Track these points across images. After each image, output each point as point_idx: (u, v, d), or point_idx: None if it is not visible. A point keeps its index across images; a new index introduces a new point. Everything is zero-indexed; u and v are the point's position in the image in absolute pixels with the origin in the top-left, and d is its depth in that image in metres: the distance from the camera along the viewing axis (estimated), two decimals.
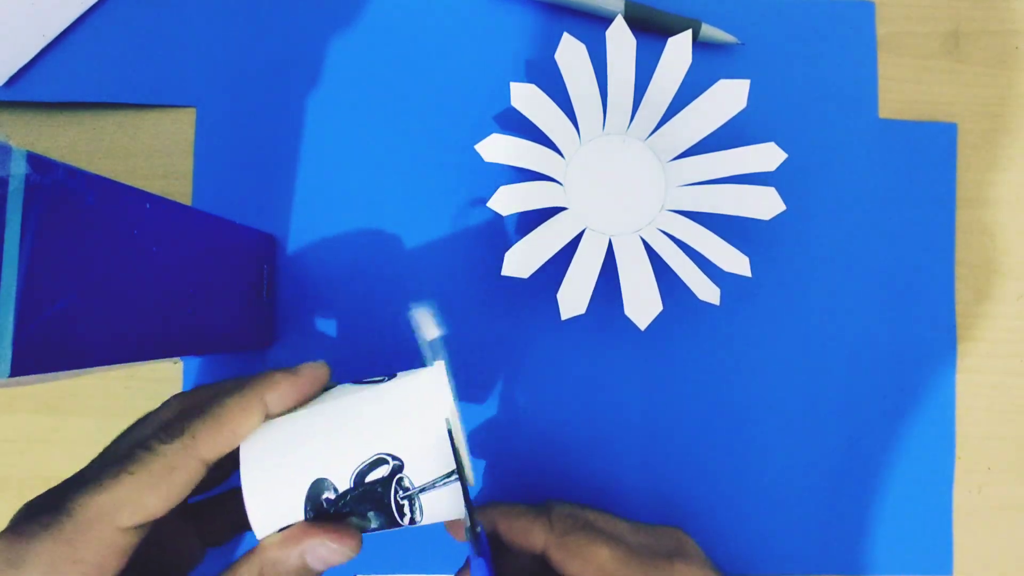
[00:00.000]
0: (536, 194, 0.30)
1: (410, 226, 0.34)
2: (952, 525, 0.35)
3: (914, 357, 0.35)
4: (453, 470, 0.22)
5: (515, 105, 0.30)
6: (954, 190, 0.35)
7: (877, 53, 0.36)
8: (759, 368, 0.34)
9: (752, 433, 0.34)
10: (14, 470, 0.33)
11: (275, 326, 0.33)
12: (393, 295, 0.34)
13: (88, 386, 0.33)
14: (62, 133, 0.34)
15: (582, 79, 0.31)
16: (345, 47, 0.34)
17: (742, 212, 0.31)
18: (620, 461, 0.34)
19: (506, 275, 0.29)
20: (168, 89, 0.34)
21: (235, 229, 0.29)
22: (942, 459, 0.35)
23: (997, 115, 0.36)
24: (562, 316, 0.29)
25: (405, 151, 0.34)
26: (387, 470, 0.22)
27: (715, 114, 0.31)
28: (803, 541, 0.34)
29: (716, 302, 0.30)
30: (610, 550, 0.25)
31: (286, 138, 0.34)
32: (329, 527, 0.22)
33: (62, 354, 0.18)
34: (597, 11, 0.34)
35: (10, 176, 0.16)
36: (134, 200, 0.21)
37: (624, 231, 0.31)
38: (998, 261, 0.36)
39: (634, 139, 0.32)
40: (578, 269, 0.30)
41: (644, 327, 0.30)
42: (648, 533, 0.28)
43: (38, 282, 0.17)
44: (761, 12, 0.36)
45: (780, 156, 0.31)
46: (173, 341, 0.23)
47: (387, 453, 0.22)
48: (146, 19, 0.34)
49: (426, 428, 0.22)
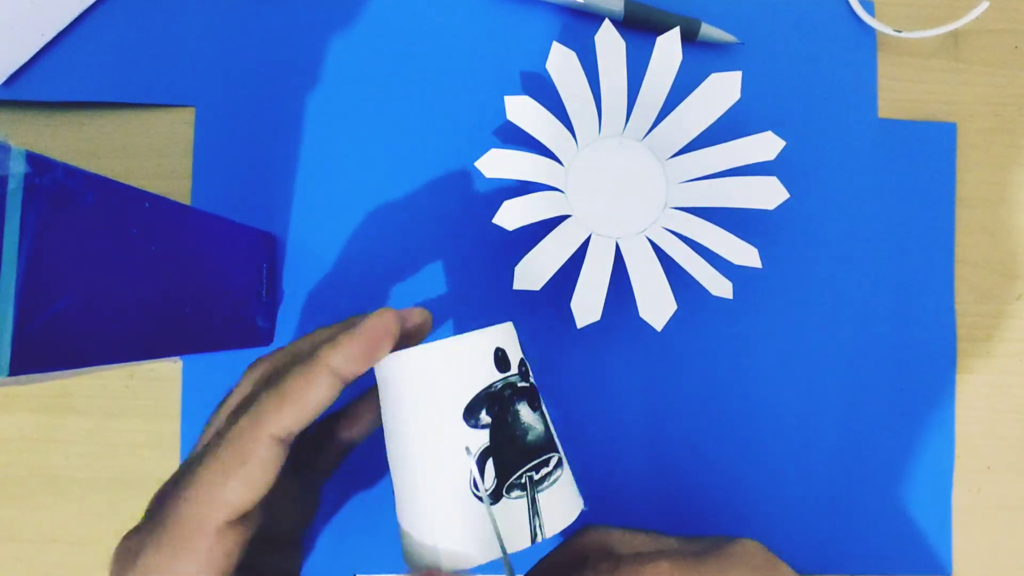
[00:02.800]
0: (540, 205, 0.30)
1: (410, 224, 0.34)
2: (951, 525, 0.35)
3: (914, 357, 0.35)
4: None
5: (511, 118, 0.30)
6: (954, 190, 0.35)
7: (877, 53, 0.36)
8: (759, 369, 0.34)
9: (752, 434, 0.34)
10: (14, 470, 0.33)
11: (275, 326, 0.33)
12: (393, 294, 0.34)
13: (88, 386, 0.33)
14: (62, 133, 0.34)
15: (575, 86, 0.31)
16: (345, 47, 0.34)
17: (746, 204, 0.31)
18: (626, 463, 0.34)
19: (518, 289, 0.29)
20: (167, 89, 0.34)
21: (235, 229, 0.29)
22: (942, 459, 0.35)
23: (997, 115, 0.36)
24: (578, 325, 0.29)
25: (405, 150, 0.34)
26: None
27: (710, 108, 0.31)
28: (803, 541, 0.34)
29: (729, 296, 0.30)
30: (669, 561, 0.23)
31: (286, 138, 0.34)
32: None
33: (62, 354, 0.18)
34: (597, 11, 0.34)
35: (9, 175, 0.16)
36: (133, 200, 0.21)
37: (630, 233, 0.31)
38: (998, 261, 0.36)
39: (631, 140, 0.32)
40: (589, 276, 0.30)
41: (660, 328, 0.30)
42: (700, 540, 0.26)
43: (37, 282, 0.17)
44: (761, 12, 0.35)
45: (779, 144, 0.31)
46: (173, 341, 0.23)
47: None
48: (145, 19, 0.34)
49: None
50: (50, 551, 0.32)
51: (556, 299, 0.34)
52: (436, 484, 0.22)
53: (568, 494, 0.24)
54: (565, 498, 0.23)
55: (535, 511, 0.22)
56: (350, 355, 0.21)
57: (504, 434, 0.22)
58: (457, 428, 0.22)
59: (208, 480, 0.19)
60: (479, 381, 0.22)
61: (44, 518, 0.32)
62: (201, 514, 0.19)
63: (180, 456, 0.33)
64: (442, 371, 0.22)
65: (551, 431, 0.24)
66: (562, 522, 0.23)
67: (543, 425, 0.24)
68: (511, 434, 0.22)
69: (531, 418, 0.23)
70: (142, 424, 0.33)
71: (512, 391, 0.23)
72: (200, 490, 0.19)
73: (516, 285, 0.29)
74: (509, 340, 0.24)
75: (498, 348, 0.23)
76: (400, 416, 0.23)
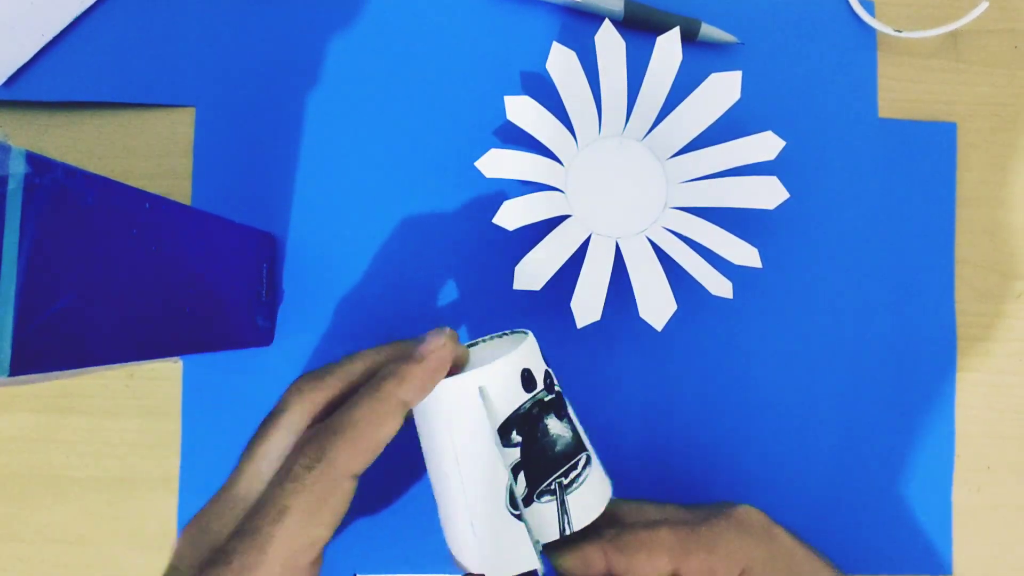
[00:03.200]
0: (540, 205, 0.30)
1: (410, 224, 0.34)
2: (952, 525, 0.35)
3: (914, 356, 0.35)
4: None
5: (511, 118, 0.30)
6: (954, 190, 0.35)
7: (877, 53, 0.36)
8: (759, 369, 0.34)
9: (752, 433, 0.34)
10: (14, 469, 0.33)
11: (275, 326, 0.33)
12: (393, 294, 0.34)
13: (88, 386, 0.33)
14: (62, 133, 0.34)
15: (575, 86, 0.31)
16: (345, 47, 0.34)
17: (746, 203, 0.31)
18: (626, 462, 0.34)
19: (518, 289, 0.29)
20: (167, 89, 0.34)
21: (235, 229, 0.29)
22: (942, 459, 0.35)
23: (997, 115, 0.36)
24: (578, 324, 0.29)
25: (405, 150, 0.34)
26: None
27: (710, 108, 0.31)
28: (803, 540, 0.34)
29: (729, 296, 0.30)
30: (669, 528, 0.24)
31: (286, 138, 0.34)
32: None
33: (62, 354, 0.18)
34: (598, 11, 0.34)
35: (9, 175, 0.16)
36: (134, 200, 0.21)
37: (630, 233, 0.31)
38: (998, 261, 0.36)
39: (631, 140, 0.32)
40: (589, 276, 0.30)
41: (660, 328, 0.30)
42: (703, 508, 0.27)
43: (38, 282, 0.17)
44: (761, 12, 0.35)
45: (779, 144, 0.31)
46: (173, 341, 0.23)
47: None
48: (146, 19, 0.34)
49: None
50: (50, 551, 0.32)
51: (556, 299, 0.34)
52: (472, 503, 0.23)
53: (597, 488, 0.25)
54: (594, 492, 0.25)
55: (564, 510, 0.23)
56: (417, 387, 0.22)
57: (534, 449, 0.23)
58: (490, 450, 0.23)
59: (299, 522, 0.20)
60: (508, 406, 0.23)
61: (44, 518, 0.32)
62: (293, 558, 0.20)
63: (180, 456, 0.33)
64: (473, 402, 0.23)
65: (578, 432, 0.25)
66: (589, 516, 0.24)
67: (571, 431, 0.25)
68: (540, 447, 0.23)
69: (559, 428, 0.24)
70: (142, 424, 0.33)
71: (539, 407, 0.24)
72: (291, 533, 0.20)
73: (516, 285, 0.29)
74: (533, 357, 0.24)
75: (524, 370, 0.23)
76: (437, 439, 0.24)
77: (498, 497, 0.23)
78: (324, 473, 0.20)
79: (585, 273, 0.30)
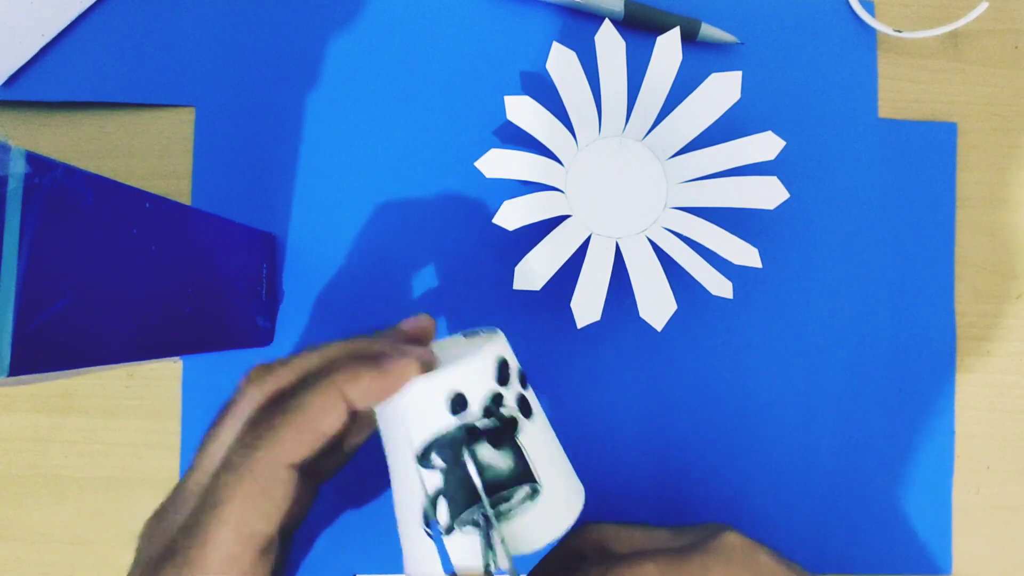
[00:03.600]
0: (540, 205, 0.30)
1: (410, 224, 0.34)
2: (951, 525, 0.35)
3: (914, 356, 0.35)
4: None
5: (511, 118, 0.30)
6: (954, 190, 0.35)
7: (877, 53, 0.36)
8: (759, 369, 0.34)
9: (752, 433, 0.34)
10: (14, 469, 0.33)
11: (275, 326, 0.33)
12: (392, 295, 0.34)
13: (88, 386, 0.33)
14: (62, 133, 0.34)
15: (575, 86, 0.31)
16: (345, 47, 0.34)
17: (746, 204, 0.31)
18: (625, 462, 0.34)
19: (518, 289, 0.29)
20: (167, 89, 0.34)
21: (235, 229, 0.29)
22: (942, 459, 0.35)
23: (997, 115, 0.36)
24: (578, 325, 0.29)
25: (405, 150, 0.34)
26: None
27: (710, 108, 0.31)
28: (802, 541, 0.34)
29: (729, 296, 0.30)
30: (655, 564, 0.23)
31: (286, 137, 0.34)
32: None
33: (62, 354, 0.18)
34: (598, 11, 0.34)
35: (9, 176, 0.16)
36: (133, 200, 0.21)
37: (630, 233, 0.31)
38: (998, 261, 0.36)
39: (631, 140, 0.32)
40: (589, 276, 0.30)
41: (661, 328, 0.30)
42: (691, 532, 0.26)
43: (37, 282, 0.17)
44: (761, 12, 0.35)
45: (779, 144, 0.31)
46: (173, 341, 0.23)
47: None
48: (145, 19, 0.34)
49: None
50: (49, 551, 0.32)
51: (556, 299, 0.34)
52: (403, 517, 0.23)
53: (544, 519, 0.24)
54: (539, 523, 0.24)
55: (489, 544, 0.22)
56: (368, 392, 0.21)
57: (455, 476, 0.22)
58: (413, 469, 0.22)
59: (237, 514, 0.19)
60: (429, 429, 0.22)
61: (44, 518, 0.32)
62: (234, 551, 0.19)
63: (180, 456, 0.33)
64: (400, 417, 0.22)
65: (526, 463, 0.24)
66: (529, 547, 0.23)
67: (511, 461, 0.23)
68: (462, 475, 0.22)
69: (492, 457, 0.23)
70: (142, 424, 0.33)
71: (468, 433, 0.22)
72: (229, 526, 0.19)
73: (516, 285, 0.29)
74: (475, 380, 0.23)
75: (457, 393, 0.22)
76: (385, 448, 0.24)
77: (415, 513, 0.22)
78: (259, 461, 0.20)
79: (585, 273, 0.30)
